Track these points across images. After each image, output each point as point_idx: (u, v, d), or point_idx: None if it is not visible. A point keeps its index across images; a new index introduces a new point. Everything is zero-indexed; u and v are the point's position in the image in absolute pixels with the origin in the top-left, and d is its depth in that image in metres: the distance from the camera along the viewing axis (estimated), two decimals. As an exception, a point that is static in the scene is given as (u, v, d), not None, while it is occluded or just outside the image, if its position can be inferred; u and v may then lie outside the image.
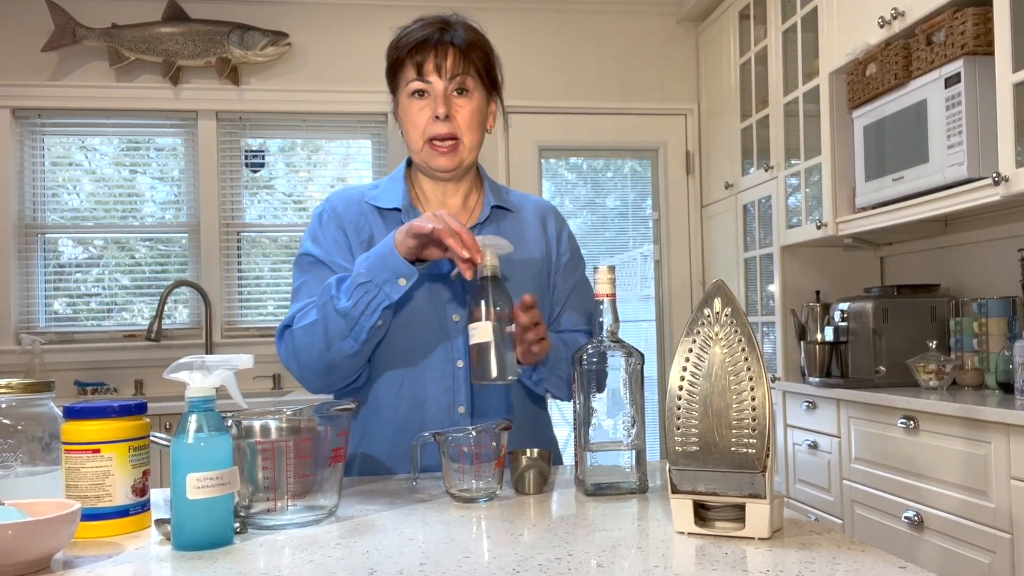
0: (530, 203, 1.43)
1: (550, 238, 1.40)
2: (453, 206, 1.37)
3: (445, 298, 1.28)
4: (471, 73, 1.29)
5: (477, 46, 1.30)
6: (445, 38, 1.28)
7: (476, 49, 1.30)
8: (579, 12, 3.78)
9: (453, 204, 1.37)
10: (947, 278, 2.82)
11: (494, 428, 1.07)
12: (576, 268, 1.42)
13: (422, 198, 1.37)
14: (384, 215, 1.33)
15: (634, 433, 1.07)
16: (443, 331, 1.28)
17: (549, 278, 1.38)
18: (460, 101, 1.29)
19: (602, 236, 3.83)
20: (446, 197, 1.36)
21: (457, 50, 1.28)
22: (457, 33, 1.29)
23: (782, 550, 0.81)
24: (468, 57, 1.28)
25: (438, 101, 1.27)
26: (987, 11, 2.13)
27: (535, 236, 1.38)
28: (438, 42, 1.28)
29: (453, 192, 1.37)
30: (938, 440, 2.15)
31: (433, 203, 1.37)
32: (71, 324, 3.49)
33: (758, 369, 0.85)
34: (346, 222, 1.32)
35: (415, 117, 1.29)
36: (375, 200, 1.34)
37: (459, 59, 1.28)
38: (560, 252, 1.40)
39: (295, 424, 0.97)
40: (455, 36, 1.29)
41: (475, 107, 1.30)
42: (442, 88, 1.27)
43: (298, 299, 1.29)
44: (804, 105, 2.96)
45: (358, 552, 0.83)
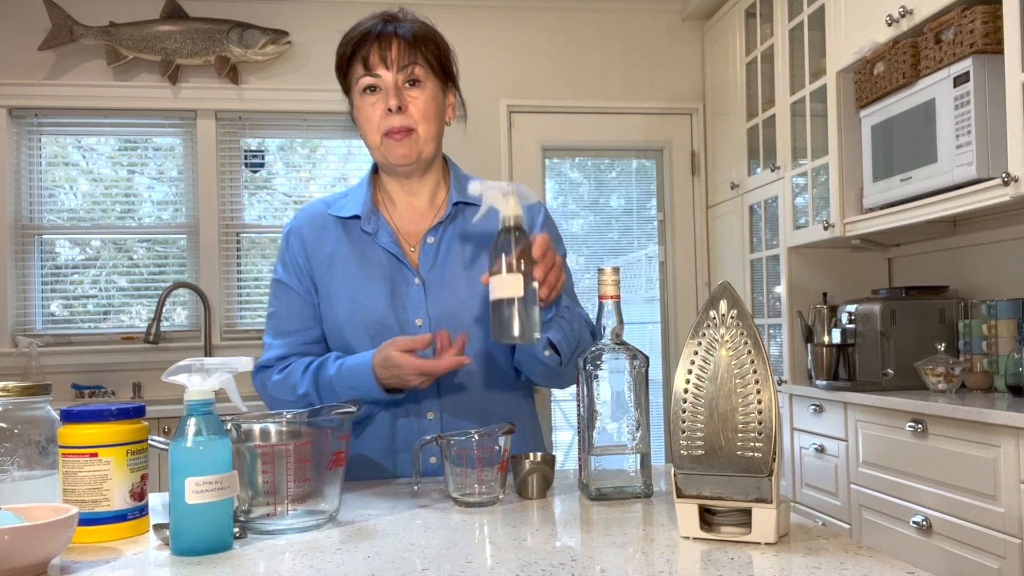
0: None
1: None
2: (418, 205, 1.35)
3: (407, 302, 1.28)
4: (420, 63, 1.26)
5: (425, 36, 1.28)
6: (388, 29, 1.26)
7: (424, 39, 1.28)
8: (583, 10, 3.76)
9: (418, 203, 1.35)
10: (956, 280, 2.80)
11: (496, 431, 1.06)
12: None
13: (387, 201, 1.35)
14: (346, 224, 1.33)
15: (639, 437, 1.06)
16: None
17: None
18: (413, 92, 1.27)
19: (606, 237, 3.82)
20: (411, 197, 1.35)
21: (403, 40, 1.26)
22: (403, 25, 1.28)
23: (788, 555, 0.81)
24: (415, 47, 1.26)
25: (389, 94, 1.25)
26: (996, 9, 2.12)
27: None
28: (381, 33, 1.26)
29: (418, 190, 1.34)
30: (947, 444, 2.13)
31: (399, 205, 1.35)
32: (68, 326, 3.48)
33: (764, 372, 0.84)
34: (308, 241, 1.33)
35: (368, 113, 1.27)
36: (338, 211, 1.34)
37: (406, 49, 1.26)
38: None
39: (295, 427, 0.96)
40: (400, 27, 1.27)
41: (428, 97, 1.27)
42: (392, 80, 1.25)
43: (270, 329, 1.35)
44: (811, 104, 2.95)
45: (359, 557, 0.83)
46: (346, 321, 1.28)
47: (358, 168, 3.69)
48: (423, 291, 1.27)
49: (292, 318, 1.32)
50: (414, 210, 1.34)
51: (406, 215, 1.34)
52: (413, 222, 1.33)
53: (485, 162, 3.59)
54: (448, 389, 1.28)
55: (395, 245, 1.30)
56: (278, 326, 1.33)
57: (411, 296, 1.27)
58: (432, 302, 1.27)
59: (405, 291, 1.28)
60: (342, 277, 1.29)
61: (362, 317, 1.26)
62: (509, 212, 1.04)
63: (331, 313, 1.29)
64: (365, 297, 1.27)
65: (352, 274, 1.29)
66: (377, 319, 1.26)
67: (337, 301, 1.29)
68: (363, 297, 1.27)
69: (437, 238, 1.31)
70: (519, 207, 1.04)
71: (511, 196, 1.04)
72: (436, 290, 1.28)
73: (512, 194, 1.04)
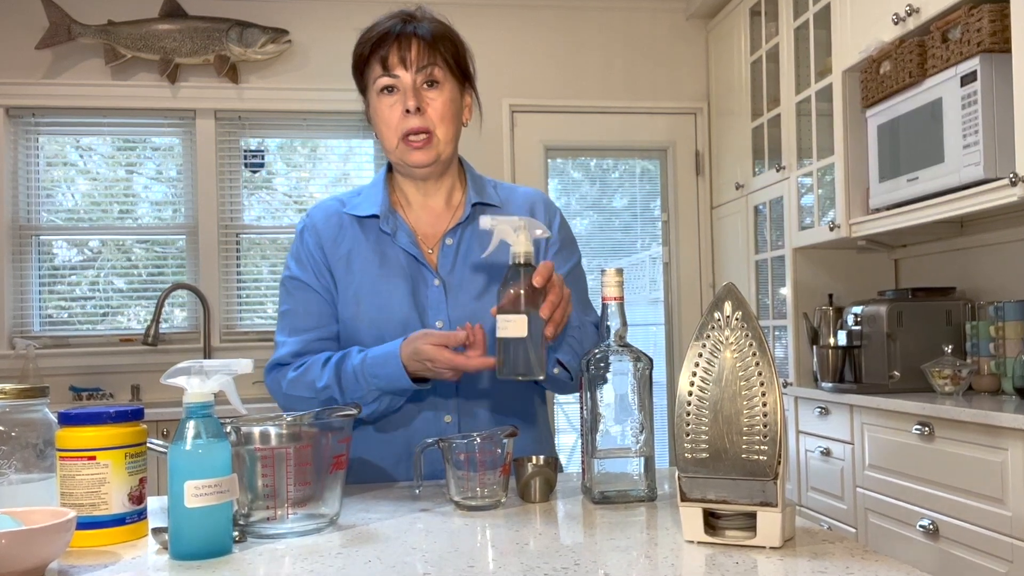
0: (518, 195, 1.39)
1: None
2: (435, 206, 1.34)
3: (427, 304, 1.27)
4: (439, 64, 1.26)
5: (444, 36, 1.27)
6: (408, 29, 1.25)
7: (443, 39, 1.27)
8: (586, 9, 3.75)
9: (435, 204, 1.34)
10: (963, 281, 2.78)
11: (499, 434, 1.05)
12: (568, 258, 1.37)
13: (403, 201, 1.34)
14: (363, 223, 1.32)
15: (642, 440, 1.05)
16: None
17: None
18: (431, 94, 1.26)
19: (610, 237, 3.81)
20: (427, 198, 1.34)
21: (422, 41, 1.25)
22: (421, 24, 1.27)
23: (794, 559, 0.80)
24: (435, 48, 1.25)
25: (408, 95, 1.24)
26: (1004, 7, 2.11)
27: None
28: (401, 33, 1.25)
29: (434, 191, 1.34)
30: (954, 447, 2.12)
31: (415, 206, 1.34)
32: (66, 328, 3.46)
33: (769, 374, 0.84)
34: (324, 238, 1.31)
35: (386, 114, 1.26)
36: (354, 209, 1.33)
37: (425, 50, 1.25)
38: (550, 243, 1.35)
39: (295, 430, 0.96)
40: (419, 27, 1.26)
41: (447, 99, 1.27)
42: (410, 81, 1.25)
43: (284, 327, 1.31)
44: (817, 104, 2.94)
45: (360, 561, 0.82)
46: (366, 321, 1.26)
47: (358, 168, 3.68)
48: (443, 293, 1.27)
49: (310, 315, 1.30)
50: (431, 211, 1.33)
51: (422, 216, 1.33)
52: (430, 223, 1.33)
53: (487, 162, 3.58)
54: (467, 393, 1.27)
55: (414, 246, 1.29)
56: (293, 323, 1.30)
57: (431, 298, 1.27)
58: (452, 304, 1.26)
59: (425, 292, 1.27)
60: (361, 276, 1.28)
61: (386, 318, 1.25)
62: (519, 248, 1.04)
63: (350, 312, 1.28)
64: (387, 298, 1.26)
65: (372, 274, 1.28)
66: (399, 320, 1.25)
67: (357, 301, 1.27)
68: (385, 298, 1.26)
69: (456, 240, 1.30)
70: (529, 243, 1.04)
71: (522, 231, 1.04)
72: (456, 292, 1.27)
73: (523, 229, 1.04)
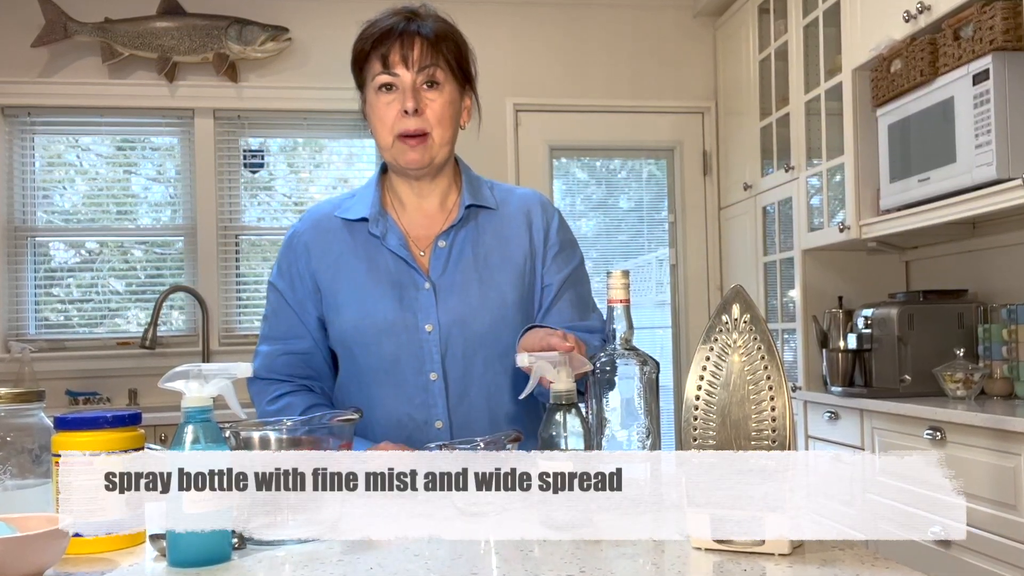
0: (515, 197, 1.36)
1: (535, 233, 1.32)
2: (429, 208, 1.32)
3: (416, 307, 1.25)
4: (441, 64, 1.24)
5: (447, 36, 1.26)
6: (411, 28, 1.24)
7: (446, 39, 1.25)
8: (592, 6, 3.73)
9: (429, 206, 1.32)
10: (975, 283, 2.76)
11: (503, 439, 1.04)
12: (568, 261, 1.34)
13: (396, 203, 1.33)
14: (353, 227, 1.31)
15: (649, 444, 1.04)
16: (416, 343, 1.25)
17: (534, 276, 1.32)
18: (430, 95, 1.24)
19: (616, 239, 3.80)
20: (421, 199, 1.32)
21: (425, 40, 1.23)
22: (425, 23, 1.25)
23: (803, 567, 0.79)
24: (437, 48, 1.24)
25: (406, 95, 1.23)
26: (1017, 5, 2.10)
27: (517, 233, 1.32)
28: (404, 32, 1.23)
29: (429, 192, 1.32)
30: (966, 452, 2.10)
31: (408, 207, 1.32)
32: (62, 331, 3.44)
33: (778, 378, 0.83)
34: (312, 247, 1.31)
35: (383, 112, 1.25)
36: (345, 212, 1.32)
37: (427, 50, 1.23)
38: (548, 246, 1.33)
39: (295, 435, 0.95)
40: (422, 26, 1.25)
41: (446, 100, 1.25)
42: (410, 81, 1.23)
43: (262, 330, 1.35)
44: (826, 103, 2.93)
45: (361, 568, 0.81)
46: (353, 328, 1.26)
47: (361, 170, 3.67)
48: (433, 296, 1.25)
49: (279, 326, 1.33)
50: (424, 213, 1.32)
51: (416, 218, 1.32)
52: (423, 225, 1.31)
53: (490, 162, 3.56)
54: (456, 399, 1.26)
55: (404, 248, 1.28)
56: (267, 329, 1.35)
57: (420, 301, 1.25)
58: (443, 308, 1.25)
59: (414, 296, 1.25)
60: (348, 282, 1.27)
61: (370, 324, 1.24)
62: (561, 387, 0.98)
63: (338, 319, 1.28)
64: (373, 303, 1.25)
65: (359, 280, 1.27)
66: (386, 325, 1.24)
67: (344, 308, 1.27)
68: (371, 303, 1.25)
69: (448, 242, 1.29)
70: (571, 381, 0.99)
71: (563, 369, 0.98)
72: (447, 295, 1.26)
73: (564, 366, 0.98)
